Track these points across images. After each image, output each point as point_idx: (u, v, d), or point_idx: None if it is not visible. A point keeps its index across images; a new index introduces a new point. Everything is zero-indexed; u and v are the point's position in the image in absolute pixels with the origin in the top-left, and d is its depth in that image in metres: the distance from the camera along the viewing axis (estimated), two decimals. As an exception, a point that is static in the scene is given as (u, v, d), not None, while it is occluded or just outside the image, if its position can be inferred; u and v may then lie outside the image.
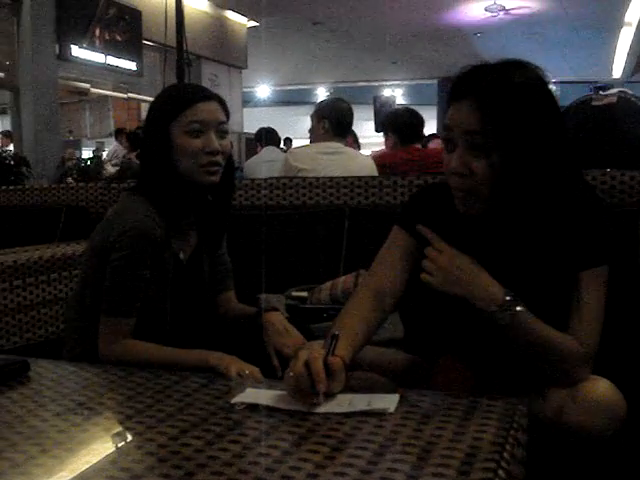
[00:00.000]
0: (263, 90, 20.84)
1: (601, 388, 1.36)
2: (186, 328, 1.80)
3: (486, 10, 12.33)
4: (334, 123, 3.42)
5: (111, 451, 1.01)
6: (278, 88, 21.05)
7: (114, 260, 1.70)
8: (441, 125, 1.49)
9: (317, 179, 2.63)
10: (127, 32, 10.17)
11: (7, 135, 9.94)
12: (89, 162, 8.78)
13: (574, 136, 3.25)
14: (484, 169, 1.37)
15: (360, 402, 1.12)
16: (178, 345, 1.67)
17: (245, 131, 12.66)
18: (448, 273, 1.42)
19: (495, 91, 1.37)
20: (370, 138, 12.49)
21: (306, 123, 3.72)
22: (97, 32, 9.65)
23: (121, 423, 1.10)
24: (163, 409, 1.14)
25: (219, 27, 12.35)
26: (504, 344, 1.45)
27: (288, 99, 21.37)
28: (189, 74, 5.01)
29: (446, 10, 12.65)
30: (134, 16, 10.21)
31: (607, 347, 1.44)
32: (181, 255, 1.81)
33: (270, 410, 1.11)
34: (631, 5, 12.51)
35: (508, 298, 1.37)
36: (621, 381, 1.39)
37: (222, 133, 1.76)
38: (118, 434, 1.07)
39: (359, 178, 2.61)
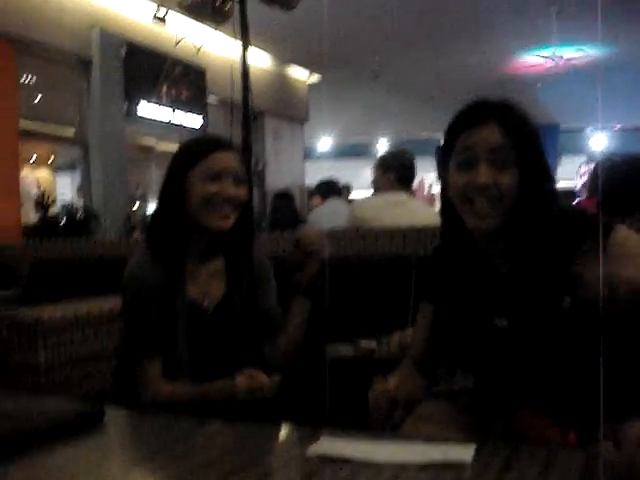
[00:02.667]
0: (324, 143, 21.05)
1: None
2: (214, 377, 1.80)
3: (548, 60, 12.31)
4: (399, 175, 3.44)
5: None
6: (339, 140, 21.22)
7: (122, 309, 1.85)
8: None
9: (384, 230, 2.64)
10: (192, 89, 10.46)
11: None
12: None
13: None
14: (508, 181, 1.51)
15: (436, 452, 1.10)
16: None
17: (307, 184, 12.79)
18: None
19: (512, 114, 1.57)
20: (433, 188, 12.51)
21: (366, 175, 3.76)
22: (163, 90, 9.95)
23: (194, 473, 1.10)
24: (236, 460, 1.14)
25: (281, 82, 12.60)
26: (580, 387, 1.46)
27: (349, 151, 21.51)
28: (256, 128, 5.13)
29: (507, 61, 12.69)
30: (198, 74, 10.51)
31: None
32: (205, 303, 1.84)
33: (345, 462, 1.10)
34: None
35: None
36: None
37: (238, 182, 1.83)
38: None
39: (425, 228, 2.60)
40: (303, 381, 1.91)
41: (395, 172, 3.44)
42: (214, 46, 10.70)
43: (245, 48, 4.37)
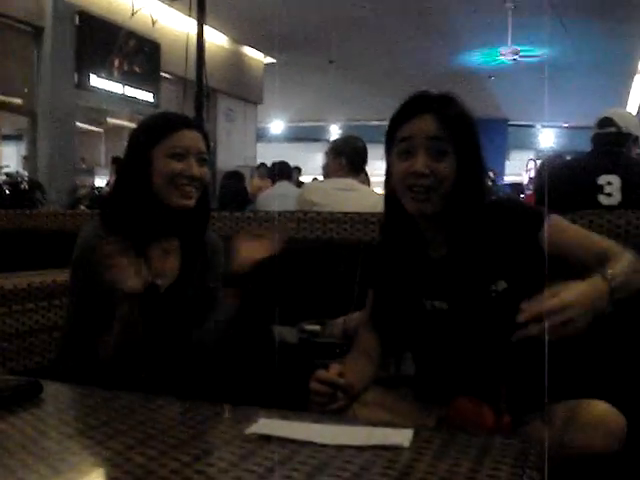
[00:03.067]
0: (277, 126, 20.99)
1: (599, 408, 1.45)
2: (163, 353, 1.82)
3: (500, 54, 12.44)
4: (350, 160, 3.46)
5: (123, 475, 1.00)
6: (292, 124, 21.19)
7: (71, 282, 1.86)
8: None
9: (331, 214, 2.65)
10: (146, 64, 10.31)
11: None
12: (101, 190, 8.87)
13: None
14: (444, 169, 1.61)
15: (374, 435, 1.12)
16: (153, 368, 1.77)
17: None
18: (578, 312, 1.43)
19: (450, 107, 1.67)
20: (381, 177, 12.54)
21: (317, 160, 3.76)
22: (116, 63, 9.79)
23: (133, 448, 1.09)
24: (177, 436, 1.14)
25: (236, 62, 12.51)
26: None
27: (301, 135, 21.48)
28: (209, 107, 5.09)
29: (461, 53, 12.79)
30: (153, 48, 10.36)
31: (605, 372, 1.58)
32: (159, 282, 1.83)
33: (284, 441, 1.11)
34: (645, 53, 12.63)
35: (608, 277, 1.48)
36: (619, 404, 1.46)
37: (201, 161, 1.83)
38: (130, 459, 1.06)
39: (373, 214, 2.62)
40: (247, 364, 1.91)
41: (346, 157, 3.46)
42: (169, 21, 10.56)
43: (201, 25, 4.33)
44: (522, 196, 8.20)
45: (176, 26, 10.61)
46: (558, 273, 1.50)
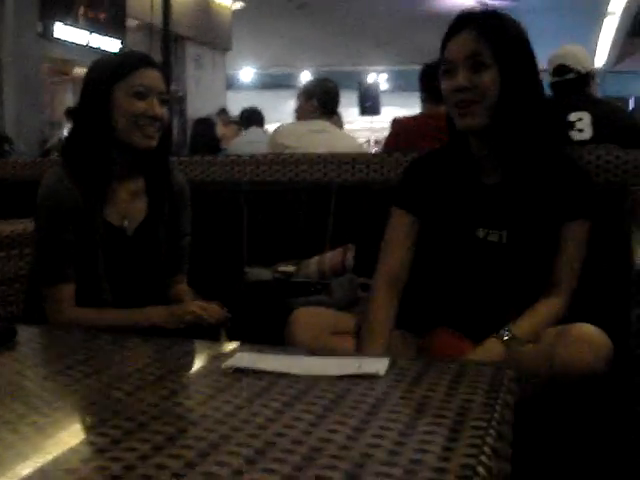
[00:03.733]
0: (247, 73, 20.75)
1: (585, 328, 1.50)
2: (133, 300, 1.79)
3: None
4: (322, 102, 3.43)
5: (102, 410, 1.00)
6: (262, 72, 20.95)
7: (35, 231, 1.80)
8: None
9: (304, 155, 2.62)
10: (111, 11, 10.10)
11: None
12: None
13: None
14: (487, 81, 1.60)
15: (351, 366, 1.13)
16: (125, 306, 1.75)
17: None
18: None
19: (490, 20, 1.66)
20: (353, 123, 12.50)
21: (289, 107, 3.72)
22: (81, 11, 9.59)
23: (110, 385, 1.10)
24: (154, 372, 1.14)
25: (204, 8, 12.29)
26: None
27: (272, 83, 21.27)
28: (177, 54, 5.01)
29: (432, -5, 12.68)
30: (118, -5, 10.16)
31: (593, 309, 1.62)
32: (125, 223, 1.81)
33: (260, 374, 1.11)
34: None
35: (505, 338, 1.57)
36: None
37: (163, 102, 1.79)
38: (108, 395, 1.06)
39: (346, 155, 2.60)
40: (223, 303, 1.90)
41: (318, 99, 3.43)
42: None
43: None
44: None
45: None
46: None
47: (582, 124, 3.24)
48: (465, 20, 1.66)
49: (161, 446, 0.83)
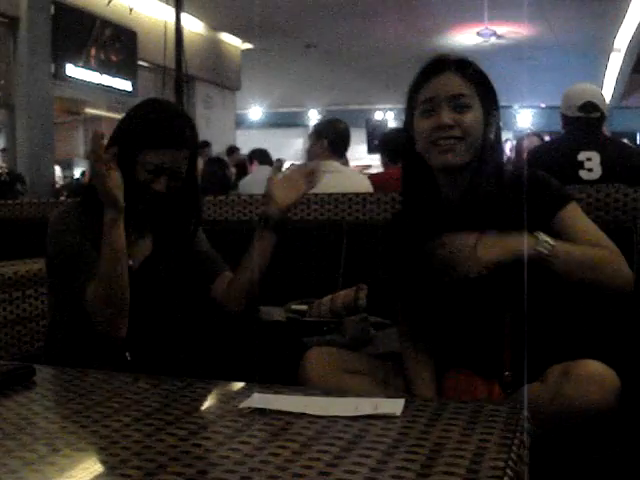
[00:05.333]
0: (255, 112, 20.92)
1: (592, 365, 1.48)
2: (145, 332, 1.84)
3: (478, 35, 12.47)
4: (332, 143, 3.48)
5: (122, 451, 1.01)
6: (270, 110, 21.13)
7: (46, 258, 1.87)
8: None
9: (315, 195, 2.65)
10: (122, 53, 10.24)
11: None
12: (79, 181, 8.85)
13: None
14: (471, 121, 1.63)
15: (366, 406, 1.13)
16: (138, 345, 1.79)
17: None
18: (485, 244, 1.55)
19: (469, 66, 1.69)
20: (361, 160, 12.58)
21: (297, 145, 3.78)
22: (92, 52, 9.72)
23: (129, 425, 1.11)
24: (171, 412, 1.16)
25: (214, 49, 12.44)
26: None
27: (280, 121, 21.44)
28: (188, 94, 5.08)
29: (439, 35, 12.80)
30: (129, 37, 10.30)
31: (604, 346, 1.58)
32: (130, 262, 1.83)
33: (277, 414, 1.12)
34: (620, 31, 12.68)
35: (539, 237, 1.54)
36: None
37: (174, 178, 1.83)
38: (127, 436, 1.07)
39: (357, 194, 2.64)
40: (237, 344, 1.92)
41: (328, 140, 3.48)
42: (146, 8, 10.49)
43: (178, 13, 4.31)
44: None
45: (153, 14, 10.55)
46: None
47: (591, 164, 3.29)
48: (444, 63, 1.69)
49: (182, 487, 0.85)
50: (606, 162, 3.30)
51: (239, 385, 1.33)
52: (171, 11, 9.98)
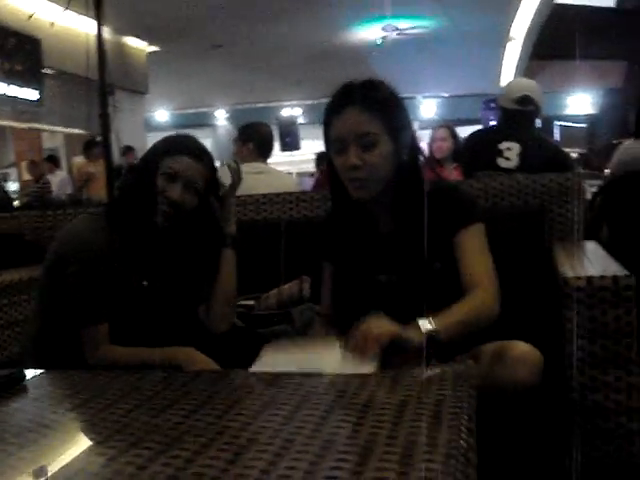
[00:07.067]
0: (162, 114, 20.76)
1: (521, 347, 1.66)
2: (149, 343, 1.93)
3: (382, 30, 12.78)
4: (258, 145, 3.64)
5: (130, 436, 1.11)
6: (178, 112, 21.00)
7: (69, 275, 1.89)
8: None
9: (250, 196, 2.81)
10: (26, 62, 10.08)
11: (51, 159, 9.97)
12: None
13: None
14: (378, 158, 1.75)
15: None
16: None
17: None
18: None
19: (374, 94, 1.78)
20: (274, 157, 12.68)
21: (207, 145, 3.90)
22: (-4, 63, 9.56)
23: (131, 411, 1.22)
24: (166, 396, 1.31)
25: (119, 52, 12.33)
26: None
27: (187, 122, 21.34)
28: (115, 103, 5.14)
29: (343, 31, 13.05)
30: (33, 45, 10.15)
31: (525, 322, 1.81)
32: (145, 283, 1.97)
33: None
34: (515, 21, 13.22)
35: (428, 327, 1.60)
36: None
37: (190, 188, 1.95)
38: (128, 425, 1.16)
39: (290, 194, 2.81)
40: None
41: (254, 143, 3.65)
42: (48, 14, 10.33)
43: (100, 19, 4.35)
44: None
45: (56, 20, 10.39)
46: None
47: (510, 153, 3.56)
48: (349, 94, 1.79)
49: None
50: (524, 153, 3.58)
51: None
52: (74, 16, 9.86)
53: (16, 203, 9.05)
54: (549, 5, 12.81)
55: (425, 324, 1.58)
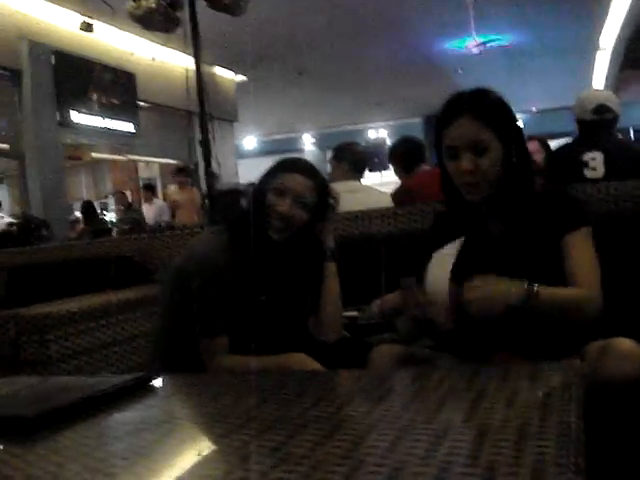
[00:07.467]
0: (249, 141, 21.15)
1: (626, 343, 1.68)
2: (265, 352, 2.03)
3: (466, 47, 12.76)
4: (352, 164, 3.75)
5: (260, 424, 1.19)
6: (264, 138, 21.38)
7: (193, 290, 2.02)
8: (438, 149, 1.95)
9: (349, 213, 2.91)
10: (123, 96, 10.52)
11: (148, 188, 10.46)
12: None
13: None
14: (490, 162, 1.85)
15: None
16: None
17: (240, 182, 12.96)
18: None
19: (484, 102, 1.89)
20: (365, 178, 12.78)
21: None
22: (94, 97, 10.01)
23: (258, 405, 1.29)
24: (287, 392, 1.40)
25: (210, 83, 12.69)
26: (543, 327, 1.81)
27: (274, 148, 21.68)
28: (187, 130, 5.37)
29: (428, 49, 13.10)
30: (129, 79, 10.60)
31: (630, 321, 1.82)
32: (262, 297, 2.09)
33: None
34: (604, 31, 12.98)
35: (526, 286, 1.73)
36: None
37: (299, 204, 2.06)
38: (256, 417, 1.24)
39: (388, 209, 2.89)
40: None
41: (348, 162, 3.77)
42: (142, 50, 10.80)
43: (197, 53, 4.56)
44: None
45: (148, 55, 10.86)
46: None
47: (595, 163, 3.56)
48: (458, 106, 1.89)
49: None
50: (609, 161, 3.57)
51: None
52: (167, 51, 10.26)
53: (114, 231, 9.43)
54: (638, 14, 12.56)
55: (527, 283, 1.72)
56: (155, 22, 4.99)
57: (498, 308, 1.74)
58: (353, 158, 3.81)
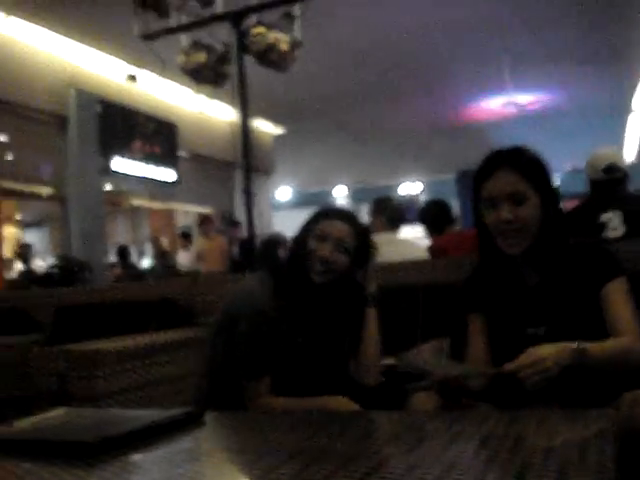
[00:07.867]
0: (283, 193, 21.32)
1: None
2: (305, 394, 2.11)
3: (502, 106, 12.89)
4: (389, 218, 3.86)
5: (306, 457, 1.27)
6: (298, 190, 21.54)
7: (239, 333, 2.10)
8: (467, 211, 2.01)
9: (388, 264, 2.99)
10: (164, 145, 10.79)
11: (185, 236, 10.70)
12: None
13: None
14: (528, 213, 1.93)
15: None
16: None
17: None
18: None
19: (522, 156, 1.99)
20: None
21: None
22: (137, 146, 10.28)
23: (307, 439, 1.38)
24: (330, 430, 1.47)
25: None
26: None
27: (307, 200, 21.81)
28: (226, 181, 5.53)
29: (462, 108, 13.25)
30: (171, 129, 10.87)
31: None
32: (299, 339, 2.16)
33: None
34: (636, 92, 13.06)
35: (575, 346, 1.78)
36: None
37: (340, 248, 2.14)
38: (302, 450, 1.32)
39: (425, 261, 2.97)
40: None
41: (386, 216, 3.88)
42: (184, 102, 11.07)
43: (244, 107, 4.71)
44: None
45: (189, 107, 11.12)
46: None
47: (614, 223, 3.59)
48: (497, 160, 1.99)
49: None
50: (629, 218, 3.60)
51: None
52: (208, 102, 10.47)
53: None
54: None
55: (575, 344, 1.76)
56: (205, 76, 5.17)
57: (552, 374, 1.77)
58: (391, 211, 3.94)
